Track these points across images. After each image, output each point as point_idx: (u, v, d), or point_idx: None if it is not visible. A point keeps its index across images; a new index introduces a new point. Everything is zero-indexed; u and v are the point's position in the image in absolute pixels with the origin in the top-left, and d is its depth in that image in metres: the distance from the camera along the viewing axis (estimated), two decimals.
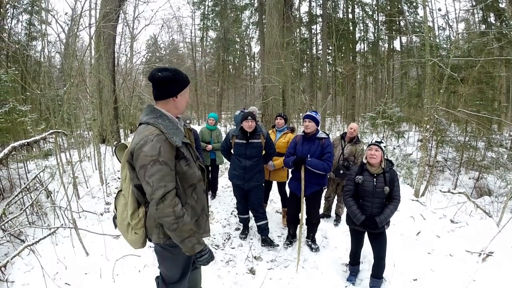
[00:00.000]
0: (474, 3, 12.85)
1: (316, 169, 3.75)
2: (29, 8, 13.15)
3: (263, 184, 4.42)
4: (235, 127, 5.96)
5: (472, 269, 3.50)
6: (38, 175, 4.76)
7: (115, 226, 2.09)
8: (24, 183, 4.63)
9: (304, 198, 3.85)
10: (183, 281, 2.21)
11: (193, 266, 2.44)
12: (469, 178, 7.74)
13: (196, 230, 1.86)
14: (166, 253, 2.06)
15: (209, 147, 5.55)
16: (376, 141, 3.12)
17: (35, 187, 4.82)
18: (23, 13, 13.16)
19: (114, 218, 2.10)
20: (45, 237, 3.40)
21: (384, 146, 3.15)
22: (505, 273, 3.40)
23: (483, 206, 5.29)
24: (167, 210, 1.73)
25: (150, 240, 2.03)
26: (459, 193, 5.42)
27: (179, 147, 1.83)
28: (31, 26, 13.36)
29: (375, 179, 3.08)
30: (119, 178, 6.99)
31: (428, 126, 6.31)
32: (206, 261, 1.92)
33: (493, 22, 13.59)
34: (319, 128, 4.01)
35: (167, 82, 1.87)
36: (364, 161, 3.19)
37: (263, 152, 4.21)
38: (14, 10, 12.65)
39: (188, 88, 1.98)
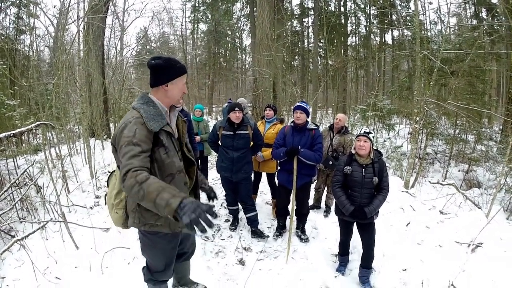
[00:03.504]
0: None
1: (309, 160, 3.76)
2: (17, 1, 12.88)
3: (252, 176, 4.43)
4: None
5: (461, 259, 3.55)
6: (28, 170, 4.71)
7: (106, 203, 2.17)
8: (14, 178, 4.59)
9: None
10: (168, 271, 2.23)
11: (182, 258, 2.45)
12: (459, 171, 7.83)
13: (167, 187, 1.58)
14: (145, 240, 2.10)
15: (197, 138, 5.52)
16: (364, 132, 3.12)
17: (24, 182, 4.78)
18: (11, 7, 12.90)
19: (105, 195, 2.18)
20: (34, 231, 3.38)
21: (373, 137, 3.16)
22: (494, 263, 3.45)
23: (472, 198, 5.36)
24: (130, 181, 1.60)
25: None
26: (449, 184, 5.49)
27: (158, 134, 1.83)
28: (19, 20, 13.10)
29: (364, 170, 3.10)
30: (109, 172, 6.94)
31: (418, 118, 6.36)
32: (192, 212, 1.42)
33: (485, 17, 13.66)
34: (309, 119, 4.02)
35: (157, 70, 1.90)
36: (353, 151, 3.21)
37: (251, 143, 4.20)
38: (2, 3, 12.39)
39: (182, 78, 1.96)
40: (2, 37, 10.77)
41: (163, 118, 1.87)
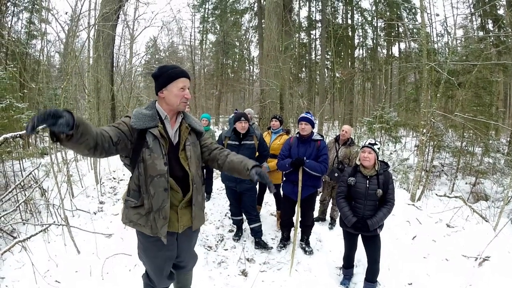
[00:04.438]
0: (472, 10, 12.92)
1: (314, 171, 3.72)
2: (30, 7, 13.14)
3: (257, 186, 4.40)
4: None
5: (468, 273, 3.48)
6: (33, 173, 4.73)
7: None
8: (19, 180, 4.61)
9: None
10: (161, 280, 2.23)
11: (182, 269, 2.41)
12: (466, 183, 7.75)
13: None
14: (139, 243, 2.16)
15: None
16: (369, 143, 3.08)
17: (29, 185, 4.80)
18: (23, 11, 13.15)
19: None
20: (36, 233, 3.37)
21: (378, 148, 3.11)
22: (502, 277, 3.36)
23: (480, 211, 5.27)
24: None
25: None
26: (456, 197, 5.39)
27: (145, 134, 1.89)
28: (31, 25, 13.34)
29: (368, 181, 3.05)
30: (114, 178, 6.97)
31: (424, 131, 6.31)
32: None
33: (491, 28, 13.67)
34: (314, 130, 3.99)
35: (154, 79, 2.01)
36: (358, 163, 3.17)
37: (256, 154, 4.18)
38: (15, 8, 12.65)
39: (175, 83, 1.94)
40: (14, 41, 10.94)
41: (153, 121, 1.91)
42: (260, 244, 4.17)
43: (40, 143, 8.62)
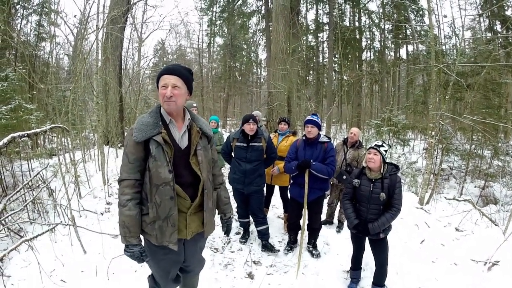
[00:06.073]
0: (480, 11, 12.81)
1: (320, 174, 3.68)
2: (39, 9, 13.35)
3: (264, 189, 4.37)
4: None
5: (477, 278, 3.42)
6: (41, 173, 4.78)
7: None
8: (27, 180, 4.65)
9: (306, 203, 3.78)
10: (166, 284, 2.21)
11: (189, 273, 2.39)
12: (475, 187, 7.66)
13: (128, 226, 1.86)
14: (146, 247, 2.07)
15: None
16: (376, 145, 3.02)
17: (37, 185, 4.84)
18: (32, 14, 13.36)
19: None
20: (43, 233, 3.40)
21: (385, 150, 3.03)
22: (511, 282, 3.31)
23: (489, 215, 5.19)
24: (119, 195, 1.91)
25: None
26: (465, 200, 5.34)
27: (149, 143, 1.86)
28: (40, 27, 13.54)
29: (372, 185, 2.99)
30: None
31: (433, 133, 6.23)
32: (130, 257, 1.91)
33: (499, 30, 13.53)
34: (321, 132, 3.95)
35: None
36: (364, 165, 3.12)
37: (264, 156, 4.16)
38: (24, 10, 12.85)
39: (159, 82, 1.90)
40: (23, 42, 11.10)
41: (155, 128, 1.86)
42: (267, 247, 4.14)
43: (48, 144, 8.71)
